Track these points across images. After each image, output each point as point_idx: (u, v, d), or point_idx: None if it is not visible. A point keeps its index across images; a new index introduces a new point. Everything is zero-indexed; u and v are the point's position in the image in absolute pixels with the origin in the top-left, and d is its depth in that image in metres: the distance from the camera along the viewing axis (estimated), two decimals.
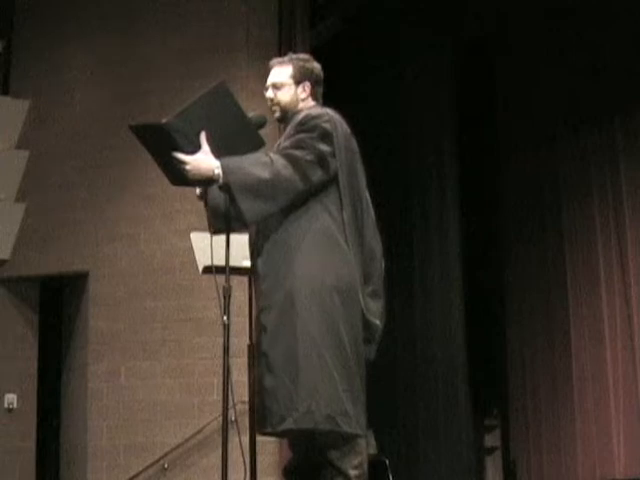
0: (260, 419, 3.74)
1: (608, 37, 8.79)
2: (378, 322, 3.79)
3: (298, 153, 3.66)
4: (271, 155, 3.66)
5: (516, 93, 9.82)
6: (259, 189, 3.57)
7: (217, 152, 3.62)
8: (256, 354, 3.81)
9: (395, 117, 10.20)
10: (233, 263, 3.87)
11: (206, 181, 3.62)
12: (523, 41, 9.64)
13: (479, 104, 10.03)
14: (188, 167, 3.58)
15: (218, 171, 3.58)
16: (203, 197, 3.80)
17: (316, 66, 3.95)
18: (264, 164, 3.61)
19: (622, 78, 8.73)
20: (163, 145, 3.60)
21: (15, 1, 8.96)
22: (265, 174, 3.58)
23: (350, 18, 9.12)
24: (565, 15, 9.07)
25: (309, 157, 3.67)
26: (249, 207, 3.58)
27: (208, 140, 3.62)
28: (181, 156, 3.58)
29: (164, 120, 3.56)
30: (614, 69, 8.78)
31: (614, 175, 8.96)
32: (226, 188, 3.59)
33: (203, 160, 3.59)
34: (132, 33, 8.56)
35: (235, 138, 3.71)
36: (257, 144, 3.77)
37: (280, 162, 3.62)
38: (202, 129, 3.62)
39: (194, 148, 3.60)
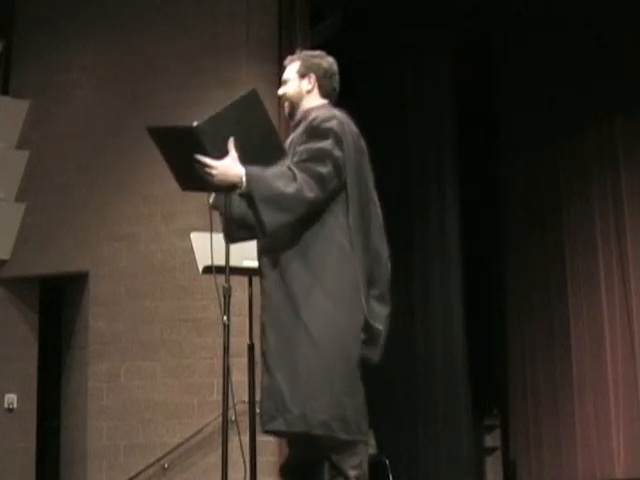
0: (260, 417, 3.76)
1: (608, 37, 8.79)
2: (381, 327, 3.79)
3: (320, 168, 3.66)
4: (293, 169, 3.65)
5: (516, 93, 9.82)
6: (282, 202, 3.58)
7: (241, 159, 3.62)
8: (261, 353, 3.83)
9: (395, 116, 10.20)
10: (233, 263, 3.87)
11: (229, 187, 3.62)
12: (523, 40, 9.64)
13: (479, 103, 10.03)
14: (214, 172, 3.57)
15: (244, 179, 3.58)
16: (215, 206, 3.81)
17: (326, 60, 3.98)
18: (288, 178, 3.61)
19: (622, 78, 8.73)
20: (186, 148, 3.59)
21: (15, 1, 8.96)
22: (289, 188, 3.59)
23: (350, 18, 9.12)
24: (566, 15, 9.07)
25: (328, 169, 3.68)
26: (271, 218, 3.58)
27: (235, 147, 3.62)
28: (208, 160, 3.57)
29: (196, 123, 3.56)
30: (614, 69, 8.78)
31: (614, 175, 8.96)
32: (248, 196, 3.59)
33: (231, 166, 3.59)
34: (132, 33, 8.56)
35: (259, 147, 3.71)
36: (280, 155, 3.76)
37: (302, 177, 3.62)
38: (230, 135, 3.62)
39: (220, 154, 3.60)
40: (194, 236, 4.61)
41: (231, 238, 3.81)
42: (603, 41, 8.81)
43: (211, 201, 3.86)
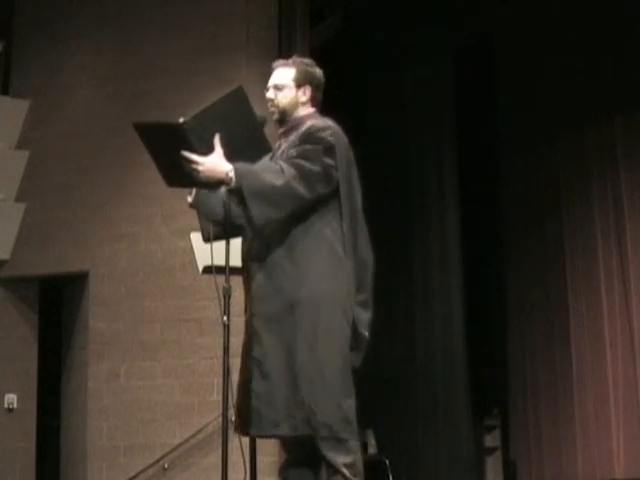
0: (245, 421, 3.75)
1: (609, 37, 8.79)
2: (366, 332, 3.82)
3: (306, 164, 3.70)
4: (281, 163, 3.70)
5: (516, 93, 9.82)
6: (270, 195, 3.61)
7: (227, 155, 3.64)
8: (244, 357, 3.82)
9: (395, 117, 10.20)
10: (233, 263, 3.88)
11: (216, 183, 3.65)
12: (524, 41, 9.63)
13: (479, 104, 10.03)
14: (201, 168, 3.60)
15: (232, 174, 3.61)
16: (195, 205, 3.85)
17: (318, 71, 3.99)
18: (276, 172, 3.66)
19: (622, 78, 8.73)
20: (173, 145, 3.60)
21: (15, 1, 8.96)
22: (277, 182, 3.62)
23: (350, 18, 9.12)
24: (566, 15, 9.07)
25: (316, 169, 3.71)
26: (259, 212, 3.61)
27: (221, 143, 3.64)
28: (195, 157, 3.60)
29: (182, 120, 3.57)
30: (614, 69, 8.78)
31: (614, 175, 8.96)
32: (237, 192, 3.62)
33: (217, 163, 3.62)
34: (132, 33, 8.56)
35: (245, 143, 3.74)
36: (265, 150, 3.79)
37: (290, 171, 3.66)
38: (216, 132, 3.64)
39: (207, 150, 3.62)
40: (194, 236, 4.61)
41: (206, 237, 3.86)
42: (603, 41, 8.80)
43: (190, 200, 3.88)
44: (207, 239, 3.86)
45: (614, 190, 8.93)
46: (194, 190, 3.86)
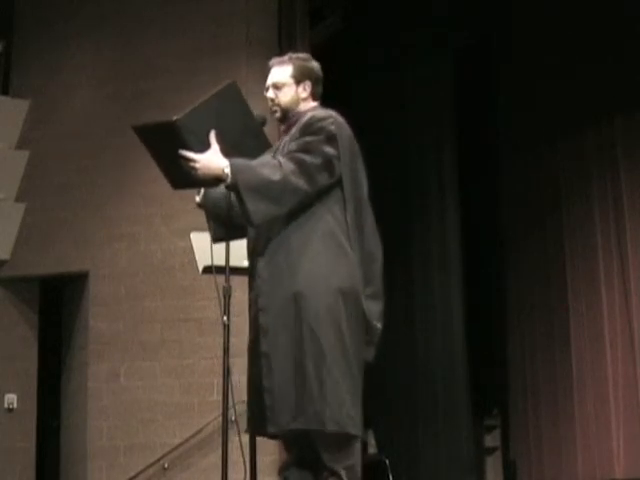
0: (260, 419, 3.73)
1: (608, 37, 8.79)
2: (379, 325, 3.79)
3: (306, 157, 3.66)
4: (279, 158, 3.66)
5: (516, 93, 9.82)
6: (267, 190, 3.57)
7: (224, 152, 3.61)
8: (252, 354, 3.80)
9: (395, 117, 10.20)
10: (233, 263, 3.87)
11: (214, 181, 3.61)
12: (524, 41, 9.64)
13: (479, 103, 10.03)
14: (197, 165, 3.57)
15: (227, 170, 3.57)
16: (203, 205, 3.83)
17: (315, 65, 3.96)
18: (273, 166, 3.61)
19: (622, 78, 8.72)
20: (170, 144, 3.58)
21: (15, 1, 8.96)
22: (275, 176, 3.58)
23: (350, 18, 9.12)
24: (566, 15, 9.07)
25: (316, 161, 3.67)
26: (256, 208, 3.57)
27: (217, 139, 3.61)
28: (190, 154, 3.57)
29: (175, 117, 3.54)
30: (614, 69, 8.78)
31: (614, 175, 8.95)
32: (234, 188, 3.58)
33: (213, 159, 3.58)
34: (132, 33, 8.57)
35: (242, 139, 3.71)
36: (264, 146, 3.77)
37: (288, 165, 3.62)
38: (211, 128, 3.61)
39: (203, 147, 3.59)
40: (194, 236, 4.62)
41: (215, 238, 3.85)
42: (603, 41, 8.80)
43: (198, 200, 3.86)
44: (214, 241, 3.84)
45: (614, 190, 8.93)
46: (202, 190, 3.84)
